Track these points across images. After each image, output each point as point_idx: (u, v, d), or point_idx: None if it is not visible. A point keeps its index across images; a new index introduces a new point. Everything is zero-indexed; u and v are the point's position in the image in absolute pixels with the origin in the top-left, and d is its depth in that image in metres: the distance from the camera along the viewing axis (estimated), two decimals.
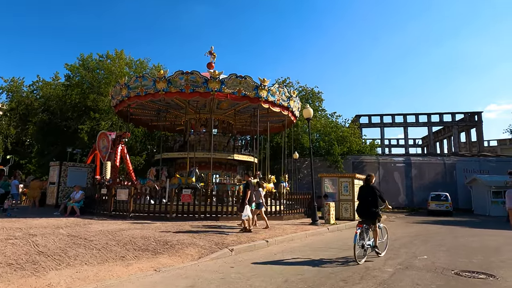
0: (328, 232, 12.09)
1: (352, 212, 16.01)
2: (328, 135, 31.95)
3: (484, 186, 26.78)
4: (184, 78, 14.39)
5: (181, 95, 14.76)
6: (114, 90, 17.53)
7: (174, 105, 18.49)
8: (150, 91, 15.00)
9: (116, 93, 16.95)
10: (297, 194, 16.55)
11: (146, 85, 15.10)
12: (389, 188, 31.27)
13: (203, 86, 14.49)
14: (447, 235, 12.27)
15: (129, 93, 15.74)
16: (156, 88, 14.73)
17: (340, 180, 16.36)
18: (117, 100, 17.01)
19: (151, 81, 14.97)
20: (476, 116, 43.44)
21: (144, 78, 15.30)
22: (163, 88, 14.57)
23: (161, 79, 14.51)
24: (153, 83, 14.86)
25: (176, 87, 14.48)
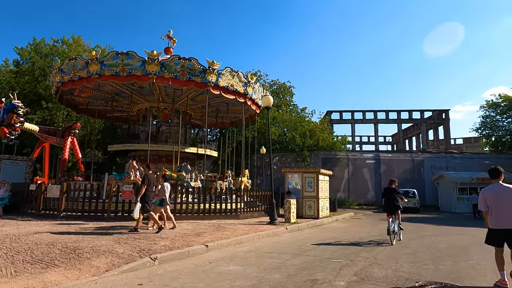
0: (286, 233, 10.90)
1: (316, 209, 14.96)
2: (295, 130, 31.00)
3: (450, 182, 26.73)
4: (119, 59, 12.71)
5: (116, 78, 13.04)
6: (52, 75, 15.54)
7: (121, 93, 16.68)
8: (82, 74, 13.21)
9: (53, 78, 14.99)
10: (257, 190, 15.29)
11: (79, 68, 13.29)
12: (358, 184, 30.79)
13: (140, 68, 12.83)
14: (414, 234, 11.43)
15: (62, 77, 13.88)
16: (89, 71, 12.96)
17: (305, 176, 15.25)
18: (55, 86, 15.05)
19: (83, 63, 13.17)
20: (443, 114, 44.04)
21: (77, 61, 13.44)
22: (96, 71, 12.84)
23: (93, 61, 12.78)
24: (85, 66, 13.08)
25: (111, 69, 12.77)
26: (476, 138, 46.51)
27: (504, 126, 33.74)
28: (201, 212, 12.15)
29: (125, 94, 16.75)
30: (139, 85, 14.76)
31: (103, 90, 15.94)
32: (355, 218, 18.76)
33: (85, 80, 13.22)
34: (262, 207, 15.01)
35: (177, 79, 13.03)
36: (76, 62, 13.43)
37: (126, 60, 12.70)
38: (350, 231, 12.10)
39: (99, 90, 15.65)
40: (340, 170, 31.11)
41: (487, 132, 35.09)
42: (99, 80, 13.05)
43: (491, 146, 36.89)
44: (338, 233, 11.36)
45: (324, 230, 12.37)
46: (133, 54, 12.82)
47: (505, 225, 5.00)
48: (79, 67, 13.33)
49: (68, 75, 13.61)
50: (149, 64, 12.74)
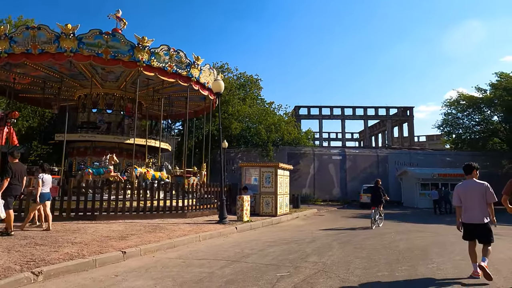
0: (235, 233, 9.75)
1: (274, 206, 13.93)
2: (261, 123, 29.99)
3: (413, 178, 26.79)
4: (30, 35, 11.02)
5: (28, 57, 11.36)
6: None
7: (52, 78, 14.84)
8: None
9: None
10: (210, 186, 14.00)
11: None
12: (323, 180, 30.30)
13: (54, 44, 11.20)
14: (373, 232, 10.66)
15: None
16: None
17: (262, 170, 14.17)
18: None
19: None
20: (408, 111, 44.72)
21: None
22: (4, 49, 11.07)
23: (0, 37, 10.98)
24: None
25: (22, 46, 11.03)
26: (438, 135, 47.70)
27: (464, 124, 34.49)
28: (141, 210, 10.73)
29: (55, 79, 14.91)
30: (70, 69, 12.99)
31: (31, 74, 14.04)
32: (317, 215, 18.01)
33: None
34: (217, 204, 13.79)
35: (100, 57, 11.46)
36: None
37: (38, 35, 11.01)
38: (307, 230, 11.17)
39: (28, 74, 13.75)
40: (306, 166, 30.49)
41: (448, 130, 35.77)
42: (9, 61, 11.26)
43: (452, 143, 37.75)
44: (293, 233, 10.37)
45: (280, 229, 11.35)
46: (45, 28, 11.18)
47: (472, 219, 5.18)
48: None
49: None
50: (64, 40, 11.07)
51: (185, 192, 12.48)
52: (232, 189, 14.87)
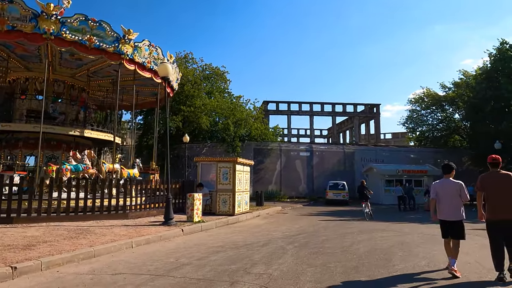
0: (180, 236, 8.57)
1: (231, 205, 12.84)
2: (228, 118, 28.79)
3: (378, 174, 26.71)
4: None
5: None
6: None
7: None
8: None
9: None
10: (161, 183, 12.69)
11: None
12: (290, 176, 29.62)
13: (30, 23, 10.22)
14: (334, 232, 9.86)
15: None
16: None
17: (219, 166, 13.03)
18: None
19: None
20: (375, 108, 45.14)
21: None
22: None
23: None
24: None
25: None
26: (403, 133, 48.65)
27: (427, 121, 35.10)
28: (71, 211, 9.25)
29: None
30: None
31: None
32: (281, 213, 17.14)
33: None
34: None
35: (83, 44, 10.81)
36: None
37: (8, 10, 9.49)
38: (264, 231, 10.19)
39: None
40: (272, 162, 29.68)
41: (413, 126, 36.31)
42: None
43: (416, 140, 38.43)
44: (248, 234, 9.34)
45: (235, 230, 10.29)
46: (20, 3, 9.72)
47: (448, 217, 5.41)
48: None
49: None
50: (43, 21, 10.18)
51: (142, 190, 11.21)
52: (187, 186, 13.61)
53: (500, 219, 4.85)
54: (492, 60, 23.08)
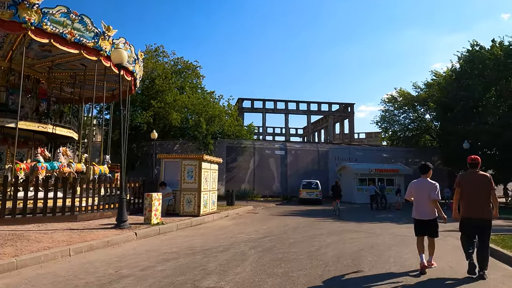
0: (133, 241, 7.70)
1: (197, 205, 12.03)
2: (200, 115, 27.81)
3: (351, 173, 26.63)
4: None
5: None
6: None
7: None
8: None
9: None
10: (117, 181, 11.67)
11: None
12: (263, 175, 29.06)
13: (9, 10, 9.23)
14: (303, 234, 9.29)
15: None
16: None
17: (184, 163, 12.17)
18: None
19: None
20: (349, 108, 45.42)
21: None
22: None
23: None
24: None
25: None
26: (377, 133, 49.30)
27: (400, 121, 35.55)
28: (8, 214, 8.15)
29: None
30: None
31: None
32: (251, 213, 16.48)
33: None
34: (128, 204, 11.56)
35: (63, 38, 10.22)
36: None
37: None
38: (229, 233, 9.48)
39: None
40: (246, 160, 28.99)
41: (386, 126, 36.68)
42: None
43: (388, 140, 38.91)
44: (210, 238, 8.60)
45: (197, 232, 9.51)
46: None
47: (423, 216, 5.46)
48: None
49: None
50: (24, 9, 9.22)
51: (93, 189, 10.18)
52: (148, 185, 12.65)
53: (473, 217, 5.10)
54: (462, 61, 23.44)
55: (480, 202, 5.07)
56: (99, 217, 10.07)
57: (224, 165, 28.66)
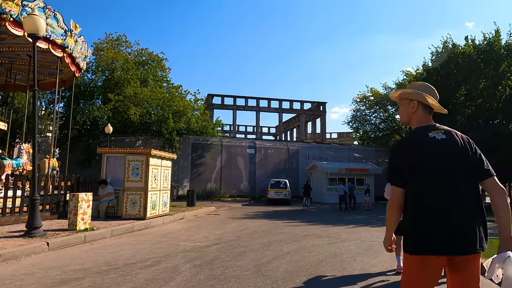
0: (43, 253, 6.13)
1: (142, 206, 10.50)
2: (164, 110, 26.04)
3: (321, 173, 25.82)
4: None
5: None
6: None
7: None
8: None
9: None
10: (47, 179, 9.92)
11: None
12: (231, 174, 27.69)
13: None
14: (260, 240, 8.04)
15: None
16: None
17: (128, 159, 10.60)
18: None
19: None
20: (321, 107, 44.89)
21: None
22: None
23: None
24: None
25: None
26: (349, 133, 49.21)
27: (371, 120, 35.30)
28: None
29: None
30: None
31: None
32: (212, 215, 15.09)
33: None
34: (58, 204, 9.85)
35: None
36: None
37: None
38: (174, 239, 8.08)
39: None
40: (212, 158, 27.50)
41: (356, 126, 36.35)
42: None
43: (359, 139, 38.65)
44: (147, 246, 7.16)
45: (134, 240, 8.03)
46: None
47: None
48: None
49: None
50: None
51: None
52: (84, 184, 10.91)
53: None
54: (435, 58, 23.12)
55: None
56: (14, 221, 8.34)
57: (189, 163, 27.09)
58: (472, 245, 1.87)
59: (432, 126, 2.16)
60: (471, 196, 1.95)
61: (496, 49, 20.81)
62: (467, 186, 1.96)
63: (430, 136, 2.08)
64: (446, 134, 2.10)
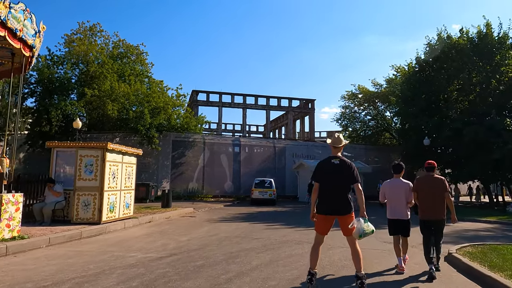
0: None
1: (97, 209, 9.04)
2: (142, 105, 24.49)
3: (309, 171, 24.57)
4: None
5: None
6: None
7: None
8: None
9: None
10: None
11: None
12: (215, 173, 26.25)
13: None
14: (228, 250, 6.71)
15: None
16: None
17: (80, 154, 9.13)
18: None
19: None
20: (310, 104, 43.78)
21: None
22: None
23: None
24: None
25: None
26: (338, 131, 48.28)
27: (360, 118, 34.32)
28: None
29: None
30: None
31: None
32: (187, 217, 13.72)
33: None
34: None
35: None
36: None
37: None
38: (123, 250, 6.69)
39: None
40: (194, 156, 26.04)
41: (346, 123, 35.33)
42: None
43: (348, 137, 37.63)
44: (82, 260, 5.76)
45: (73, 250, 6.62)
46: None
47: (397, 215, 5.52)
48: None
49: None
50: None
51: None
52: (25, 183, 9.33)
53: (430, 219, 5.34)
54: (429, 49, 22.10)
55: (435, 204, 5.33)
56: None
57: (170, 162, 25.60)
58: (342, 211, 4.39)
59: (333, 156, 4.54)
60: (343, 190, 4.40)
61: (489, 41, 19.91)
62: (343, 187, 4.41)
63: (331, 161, 4.48)
64: (340, 160, 4.48)
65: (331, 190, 4.31)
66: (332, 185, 4.30)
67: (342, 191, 4.32)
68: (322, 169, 4.44)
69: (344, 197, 4.32)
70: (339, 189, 4.31)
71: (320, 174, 4.43)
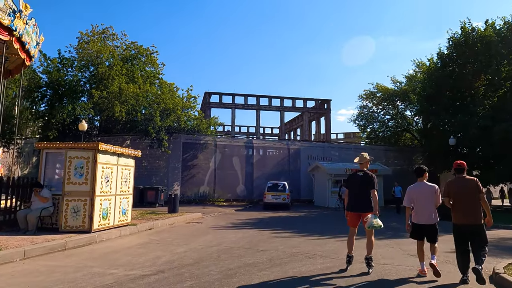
0: None
1: (87, 216, 8.22)
2: (151, 107, 23.89)
3: (325, 174, 23.39)
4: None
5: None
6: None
7: None
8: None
9: None
10: None
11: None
12: (226, 176, 25.38)
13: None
14: (225, 266, 5.72)
15: None
16: None
17: (70, 155, 8.35)
18: None
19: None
20: (325, 105, 42.40)
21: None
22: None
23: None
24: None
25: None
26: (355, 133, 46.57)
27: (379, 117, 32.76)
28: None
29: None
30: None
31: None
32: (194, 223, 12.82)
33: None
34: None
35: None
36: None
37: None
38: (107, 264, 5.80)
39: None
40: (206, 159, 25.25)
41: (364, 124, 33.82)
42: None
43: (367, 138, 36.08)
44: (53, 277, 4.90)
45: (49, 265, 5.77)
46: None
47: (422, 220, 5.33)
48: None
49: None
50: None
51: None
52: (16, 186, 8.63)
53: (465, 223, 5.02)
54: (452, 44, 20.59)
55: (470, 207, 5.02)
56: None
57: (181, 164, 24.90)
58: (364, 209, 5.60)
59: (359, 170, 5.94)
60: (366, 194, 5.65)
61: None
62: (365, 192, 5.66)
63: (357, 173, 5.91)
64: (363, 173, 5.83)
65: (357, 194, 5.68)
66: (357, 191, 5.69)
67: (364, 195, 5.60)
68: (351, 179, 5.99)
69: (366, 200, 5.59)
70: (362, 193, 5.63)
71: (349, 182, 5.95)
